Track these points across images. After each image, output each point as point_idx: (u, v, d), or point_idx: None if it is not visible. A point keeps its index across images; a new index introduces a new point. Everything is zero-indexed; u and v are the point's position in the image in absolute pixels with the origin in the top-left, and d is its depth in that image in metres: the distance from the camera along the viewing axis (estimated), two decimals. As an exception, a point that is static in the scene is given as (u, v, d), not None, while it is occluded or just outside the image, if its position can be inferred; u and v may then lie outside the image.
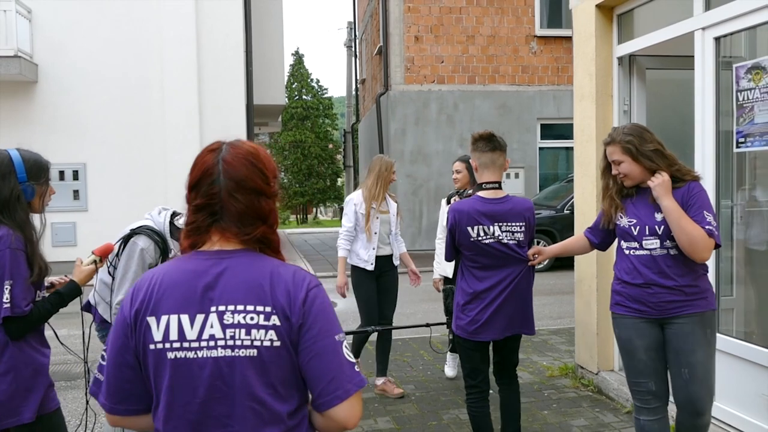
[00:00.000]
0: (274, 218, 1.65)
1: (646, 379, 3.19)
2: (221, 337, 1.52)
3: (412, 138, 16.47)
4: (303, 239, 22.93)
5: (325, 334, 1.55)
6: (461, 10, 16.54)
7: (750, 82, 3.87)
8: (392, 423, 4.75)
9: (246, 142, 1.68)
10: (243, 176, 1.59)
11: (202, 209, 1.60)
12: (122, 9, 13.42)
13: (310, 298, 1.56)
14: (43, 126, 13.22)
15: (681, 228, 2.96)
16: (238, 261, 1.58)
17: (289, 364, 1.54)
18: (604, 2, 5.09)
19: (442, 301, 4.59)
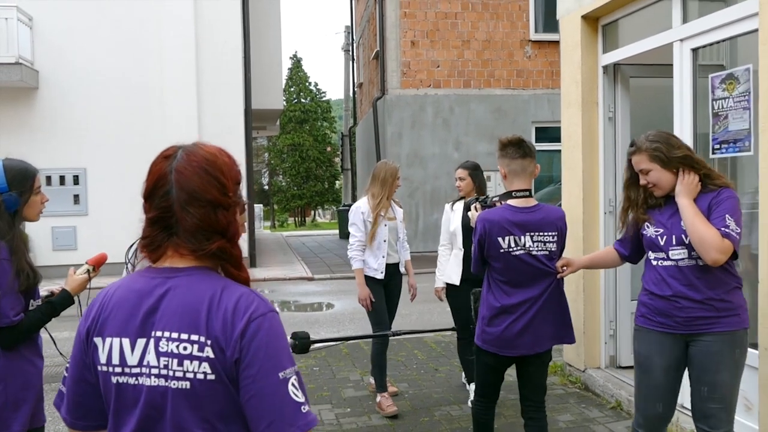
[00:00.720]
0: (233, 231, 1.52)
1: (656, 400, 3.06)
2: (155, 365, 1.42)
3: (409, 141, 16.66)
4: (301, 242, 23.11)
5: (266, 373, 1.39)
6: (456, 16, 16.74)
7: (724, 92, 4.07)
8: (385, 419, 4.93)
9: (205, 146, 1.55)
10: (196, 187, 1.46)
11: (156, 222, 1.49)
12: (122, 15, 13.62)
13: (251, 330, 1.40)
14: (44, 131, 13.42)
15: (694, 227, 2.84)
16: (182, 281, 1.46)
17: (227, 399, 1.41)
18: (590, 13, 5.28)
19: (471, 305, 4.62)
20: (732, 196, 2.92)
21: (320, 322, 9.32)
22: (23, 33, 12.98)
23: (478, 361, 3.57)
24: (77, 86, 13.48)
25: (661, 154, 2.95)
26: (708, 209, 2.89)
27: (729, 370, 2.93)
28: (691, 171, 2.94)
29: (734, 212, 2.87)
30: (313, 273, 14.12)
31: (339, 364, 6.43)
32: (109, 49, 13.54)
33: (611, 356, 5.49)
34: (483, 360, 3.53)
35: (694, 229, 2.84)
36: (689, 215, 2.87)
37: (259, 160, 48.61)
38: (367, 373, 6.10)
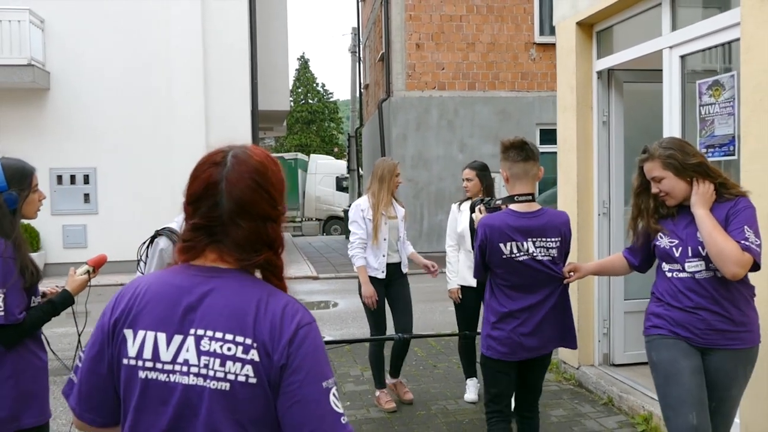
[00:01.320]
0: (279, 243, 1.51)
1: (688, 409, 2.82)
2: (195, 363, 1.40)
3: (414, 143, 16.82)
4: (307, 242, 23.30)
5: (312, 380, 1.39)
6: (461, 18, 16.89)
7: (711, 98, 4.22)
8: (383, 412, 5.10)
9: (254, 153, 1.52)
10: (248, 200, 1.45)
11: (201, 229, 1.47)
12: (131, 19, 13.86)
13: (300, 337, 1.41)
14: (55, 131, 13.67)
15: (712, 239, 2.72)
16: (227, 283, 1.45)
17: (264, 405, 1.40)
18: (585, 20, 5.44)
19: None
20: (749, 206, 2.81)
21: (324, 320, 9.48)
22: (35, 35, 13.23)
23: (486, 370, 3.46)
24: (88, 87, 13.72)
25: (675, 161, 2.83)
26: (725, 220, 2.78)
27: (739, 387, 2.90)
28: (706, 180, 2.83)
29: (753, 223, 2.77)
30: (318, 272, 14.29)
31: (340, 360, 6.60)
32: (118, 51, 13.77)
33: (605, 354, 5.64)
34: (491, 367, 3.41)
35: (713, 242, 2.71)
36: (707, 227, 2.75)
37: (267, 160, 48.88)
38: (367, 369, 6.27)
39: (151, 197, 13.49)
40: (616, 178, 5.49)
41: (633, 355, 5.50)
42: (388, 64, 17.15)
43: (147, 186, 13.72)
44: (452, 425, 4.82)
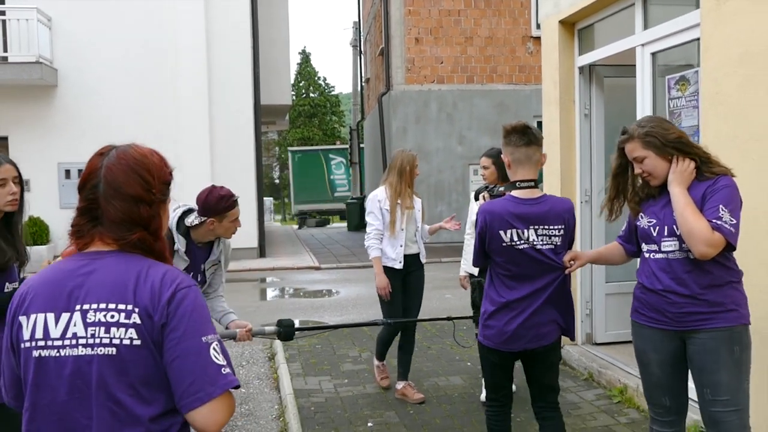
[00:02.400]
0: (156, 225, 1.65)
1: (660, 393, 2.97)
2: (83, 335, 1.52)
3: (413, 136, 17.14)
4: (310, 233, 23.66)
5: (190, 335, 1.52)
6: (460, 13, 17.18)
7: (678, 92, 4.55)
8: (378, 388, 5.45)
9: (138, 147, 1.69)
10: (121, 183, 1.60)
11: (84, 213, 1.62)
12: (137, 17, 14.20)
13: (178, 298, 1.54)
14: (63, 127, 14.03)
15: (683, 218, 2.68)
16: (109, 261, 1.59)
17: (151, 365, 1.52)
18: (566, 18, 5.76)
19: (470, 294, 4.60)
20: (729, 184, 2.73)
21: (325, 308, 9.85)
22: (43, 33, 13.59)
23: (484, 360, 3.43)
24: (94, 84, 14.08)
25: (655, 139, 2.77)
26: (702, 198, 2.72)
27: (729, 370, 2.76)
28: (686, 158, 2.77)
29: (729, 202, 2.68)
30: (320, 263, 14.65)
31: (339, 343, 6.95)
32: (124, 48, 14.12)
33: (587, 333, 5.97)
34: (487, 358, 3.37)
35: (684, 220, 2.68)
36: (680, 205, 2.71)
37: (270, 154, 49.24)
38: (364, 350, 6.63)
39: (157, 190, 13.84)
40: (597, 167, 5.81)
41: (613, 334, 5.84)
42: (388, 59, 17.47)
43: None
44: (442, 398, 5.18)
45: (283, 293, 11.84)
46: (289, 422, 4.73)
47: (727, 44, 3.76)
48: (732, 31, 3.72)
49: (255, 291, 12.04)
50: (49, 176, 13.97)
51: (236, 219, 3.48)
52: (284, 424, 4.83)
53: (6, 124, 13.79)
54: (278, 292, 11.97)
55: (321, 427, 4.66)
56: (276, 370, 6.11)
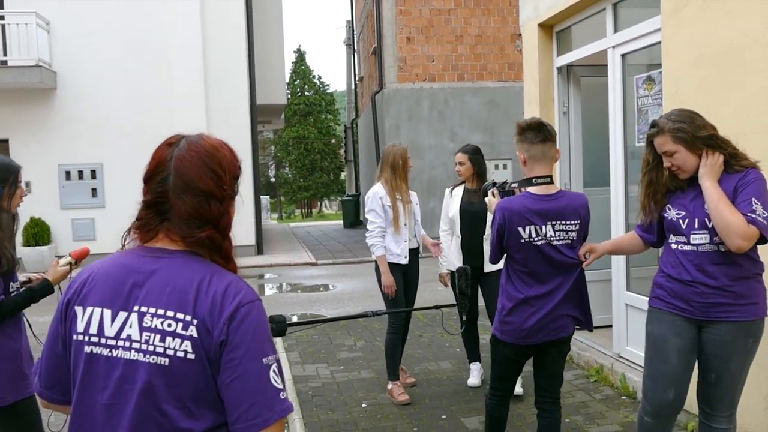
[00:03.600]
0: (225, 222, 1.56)
1: (668, 385, 2.93)
2: (137, 339, 1.44)
3: (406, 133, 17.46)
4: (306, 231, 23.99)
5: (252, 356, 1.43)
6: (450, 12, 17.52)
7: (645, 91, 4.89)
8: (373, 373, 5.79)
9: (208, 138, 1.59)
10: (192, 176, 1.50)
11: (152, 206, 1.53)
12: (133, 19, 14.50)
13: (241, 314, 1.44)
14: (63, 129, 14.33)
15: (718, 211, 2.68)
16: (173, 263, 1.50)
17: (203, 381, 1.43)
18: (545, 21, 6.09)
19: (455, 281, 4.81)
20: (759, 177, 2.75)
21: (321, 301, 10.19)
22: (42, 37, 13.87)
23: (496, 353, 3.41)
24: (92, 86, 14.37)
25: (686, 134, 2.78)
26: (734, 192, 2.73)
27: (739, 360, 2.84)
28: (715, 152, 2.78)
29: (761, 195, 2.70)
30: (316, 259, 14.99)
31: (335, 333, 7.29)
32: (121, 50, 14.41)
33: (569, 319, 6.30)
34: (501, 352, 3.36)
35: (719, 214, 2.68)
36: (713, 199, 2.71)
37: (266, 152, 49.53)
38: (360, 339, 6.97)
39: (155, 190, 14.16)
40: (575, 161, 6.15)
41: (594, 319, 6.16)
42: (380, 57, 17.79)
43: (152, 179, 14.35)
44: (432, 381, 5.51)
45: (281, 288, 12.16)
46: (288, 404, 5.05)
47: (685, 48, 4.10)
48: (689, 36, 4.06)
49: (254, 287, 12.31)
50: (49, 178, 14.26)
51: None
52: (283, 406, 5.16)
53: (6, 127, 14.08)
54: (276, 288, 12.29)
55: (318, 409, 4.99)
56: (275, 359, 6.44)
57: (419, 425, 4.57)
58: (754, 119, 3.57)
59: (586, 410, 4.70)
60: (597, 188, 6.02)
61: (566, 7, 5.64)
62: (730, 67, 3.74)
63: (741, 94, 3.67)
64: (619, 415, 4.57)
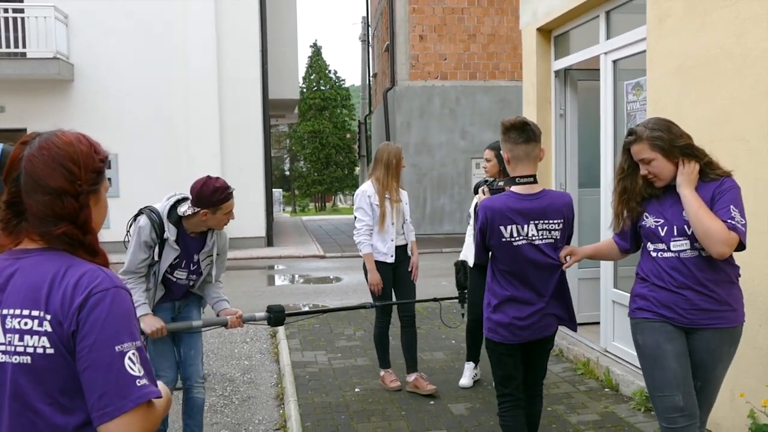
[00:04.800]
0: (83, 217, 1.52)
1: (673, 391, 2.85)
2: (2, 341, 1.45)
3: (417, 130, 17.70)
4: (317, 225, 24.31)
5: (102, 345, 1.41)
6: (463, 11, 17.70)
7: (634, 96, 5.08)
8: (368, 360, 6.04)
9: (63, 134, 1.55)
10: (42, 175, 1.49)
11: (10, 206, 1.52)
12: (149, 15, 14.85)
13: (91, 303, 1.43)
14: (79, 120, 14.60)
15: (698, 219, 2.71)
16: (30, 262, 1.50)
17: (68, 374, 1.44)
18: (543, 26, 6.28)
19: (454, 275, 4.65)
20: (735, 186, 2.81)
21: (326, 293, 10.45)
22: (60, 30, 14.24)
23: (491, 354, 3.42)
24: (109, 78, 14.73)
25: (663, 142, 2.81)
26: (711, 200, 2.77)
27: (723, 367, 2.90)
28: (691, 160, 2.83)
29: (738, 202, 2.77)
30: (325, 252, 15.26)
31: (336, 323, 7.54)
32: (137, 45, 14.76)
33: (561, 315, 6.51)
34: (494, 350, 3.38)
35: (699, 221, 2.71)
36: (693, 207, 2.74)
37: (281, 146, 49.92)
38: (360, 329, 7.22)
39: (169, 181, 14.42)
40: (571, 162, 6.35)
41: (583, 315, 6.36)
42: (393, 55, 18.01)
43: (166, 171, 14.72)
44: (424, 369, 5.72)
45: (289, 279, 12.44)
46: (286, 387, 5.32)
47: (667, 57, 4.30)
48: (670, 46, 4.25)
49: (262, 277, 12.64)
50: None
51: (230, 212, 3.49)
52: (281, 389, 5.43)
53: (24, 117, 14.44)
54: (284, 279, 12.56)
55: (314, 392, 5.24)
56: (277, 346, 6.71)
57: (407, 409, 4.81)
58: (727, 127, 3.76)
59: (569, 400, 4.91)
60: (592, 189, 6.21)
61: (563, 13, 5.83)
62: (706, 77, 3.93)
63: (715, 103, 3.86)
64: (600, 405, 4.79)
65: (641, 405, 4.63)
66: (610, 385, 5.11)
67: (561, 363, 5.80)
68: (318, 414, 4.78)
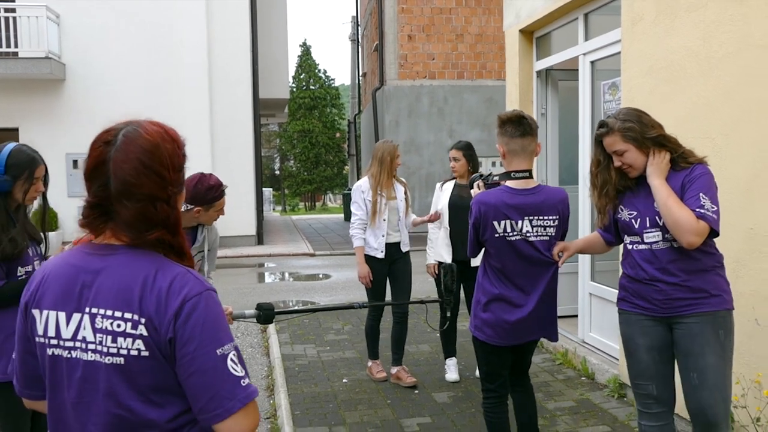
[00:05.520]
0: (173, 220, 1.51)
1: (646, 381, 2.95)
2: (92, 340, 1.45)
3: (406, 129, 17.88)
4: (307, 223, 24.46)
5: (204, 351, 1.42)
6: (451, 11, 17.90)
7: (610, 96, 5.28)
8: (356, 353, 6.22)
9: (146, 130, 1.51)
10: (133, 182, 1.44)
11: (95, 207, 1.48)
12: (141, 15, 14.95)
13: (186, 309, 1.42)
14: (71, 119, 14.80)
15: (667, 209, 2.71)
16: (118, 260, 1.47)
17: (161, 373, 1.44)
18: (526, 28, 6.47)
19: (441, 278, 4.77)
20: (705, 172, 2.79)
21: (316, 289, 10.62)
22: (52, 30, 14.34)
23: (478, 351, 3.41)
24: (100, 78, 14.83)
25: (635, 133, 2.81)
26: (681, 188, 2.77)
27: (715, 353, 2.79)
28: (661, 150, 2.82)
29: (708, 189, 2.74)
30: (314, 250, 15.42)
31: (325, 317, 7.71)
32: (129, 45, 14.87)
33: (543, 308, 6.71)
34: (481, 348, 3.36)
35: (668, 211, 2.71)
36: (662, 197, 2.75)
37: (271, 145, 50.00)
38: (348, 323, 7.39)
39: (159, 180, 14.62)
40: (552, 160, 6.55)
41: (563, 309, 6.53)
42: (382, 55, 18.19)
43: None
44: (409, 361, 5.91)
45: (279, 277, 12.59)
46: (276, 379, 5.49)
47: (639, 58, 4.49)
48: (642, 48, 4.45)
49: (253, 275, 12.79)
50: (57, 166, 14.68)
51: (221, 208, 3.51)
52: (271, 381, 5.61)
53: (17, 117, 14.54)
54: (274, 276, 12.72)
55: (303, 383, 5.41)
56: (267, 340, 6.88)
57: (393, 398, 4.99)
58: (693, 126, 3.96)
59: (547, 389, 5.11)
60: (572, 186, 6.40)
61: (544, 15, 6.02)
62: (674, 78, 4.13)
63: (682, 102, 4.06)
64: (576, 393, 4.99)
65: (615, 392, 4.84)
66: (586, 374, 5.31)
67: (541, 354, 6.00)
68: (307, 403, 4.96)
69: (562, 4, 5.62)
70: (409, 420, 4.59)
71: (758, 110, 3.49)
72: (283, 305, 9.27)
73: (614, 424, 4.41)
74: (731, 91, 3.67)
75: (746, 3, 3.54)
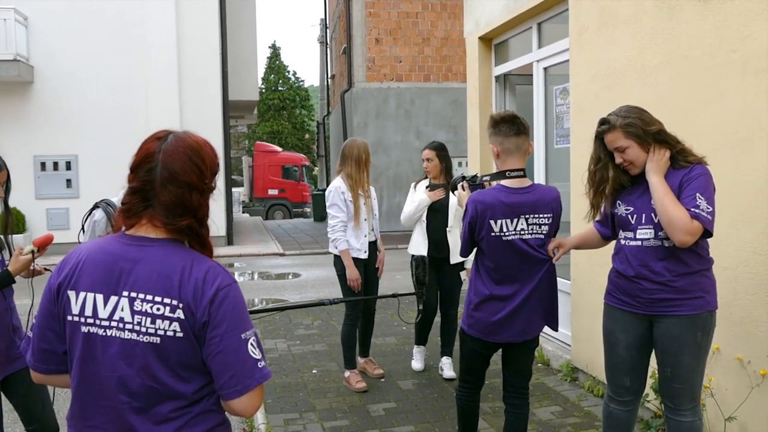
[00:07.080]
0: (203, 212, 1.72)
1: (622, 374, 3.08)
2: (129, 321, 1.62)
3: (373, 131, 18.18)
4: (277, 224, 24.60)
5: (231, 333, 1.63)
6: (417, 15, 18.25)
7: (561, 100, 5.64)
8: (326, 345, 6.49)
9: (193, 135, 1.75)
10: (178, 169, 1.66)
11: (137, 193, 1.68)
12: (110, 16, 14.99)
13: (220, 297, 1.63)
14: (39, 121, 14.79)
15: (663, 206, 2.73)
16: (156, 251, 1.66)
17: (190, 353, 1.64)
18: (485, 35, 6.82)
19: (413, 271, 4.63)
20: (704, 172, 2.81)
21: (286, 287, 10.86)
22: (20, 32, 14.31)
23: (464, 346, 3.45)
24: (69, 80, 14.84)
25: (637, 129, 2.83)
26: (679, 187, 2.78)
27: (691, 353, 2.87)
28: (662, 147, 2.85)
29: (705, 190, 2.76)
30: (284, 249, 15.63)
31: (295, 314, 7.97)
32: (98, 46, 14.90)
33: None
34: (468, 345, 3.40)
35: (663, 209, 2.73)
36: (659, 194, 2.77)
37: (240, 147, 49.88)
38: (317, 319, 7.66)
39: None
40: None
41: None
42: (350, 58, 18.47)
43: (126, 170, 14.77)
44: (376, 353, 6.20)
45: (249, 276, 12.79)
46: (248, 371, 5.72)
47: (585, 66, 4.85)
48: (588, 56, 4.81)
49: (223, 275, 12.95)
50: (25, 168, 14.69)
51: None
52: (244, 373, 5.84)
53: (-16, 119, 14.51)
54: (244, 276, 12.91)
55: (274, 375, 5.66)
56: (239, 335, 7.11)
57: (359, 386, 5.29)
58: (633, 128, 4.32)
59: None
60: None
61: (501, 23, 6.37)
62: (616, 84, 4.49)
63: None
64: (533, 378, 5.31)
65: (567, 376, 5.20)
66: (542, 361, 5.66)
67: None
68: (278, 393, 5.22)
69: (518, 13, 5.96)
70: (376, 405, 4.89)
71: (687, 116, 3.85)
72: (255, 305, 9.50)
73: (566, 404, 4.76)
74: (665, 98, 4.03)
75: (674, 18, 3.91)
